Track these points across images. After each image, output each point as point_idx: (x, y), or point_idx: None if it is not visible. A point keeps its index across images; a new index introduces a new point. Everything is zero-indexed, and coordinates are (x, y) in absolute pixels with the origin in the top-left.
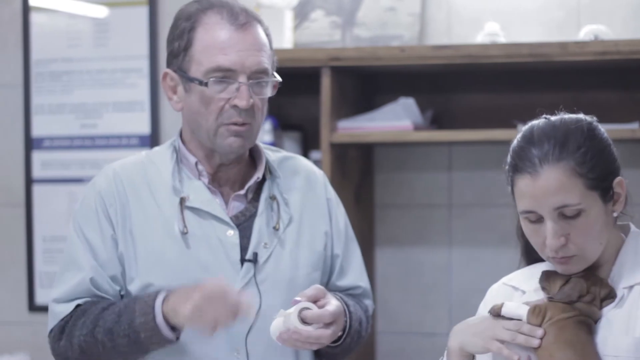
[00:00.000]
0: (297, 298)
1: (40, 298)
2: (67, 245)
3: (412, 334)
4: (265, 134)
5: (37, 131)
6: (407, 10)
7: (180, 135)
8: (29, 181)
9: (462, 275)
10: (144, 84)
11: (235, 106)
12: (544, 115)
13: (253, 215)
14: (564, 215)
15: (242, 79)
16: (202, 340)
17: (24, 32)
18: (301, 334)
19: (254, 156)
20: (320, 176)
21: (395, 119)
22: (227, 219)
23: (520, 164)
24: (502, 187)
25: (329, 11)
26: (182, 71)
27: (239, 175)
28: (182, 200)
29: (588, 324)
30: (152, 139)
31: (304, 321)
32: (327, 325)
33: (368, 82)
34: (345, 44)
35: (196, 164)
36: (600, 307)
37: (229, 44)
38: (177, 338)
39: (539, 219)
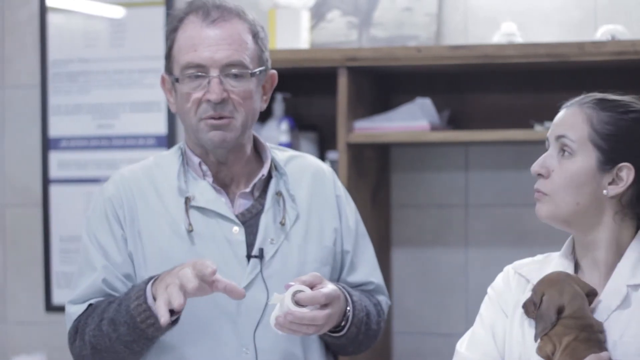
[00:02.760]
0: (291, 283)
1: (57, 298)
2: (81, 251)
3: (428, 334)
4: (281, 134)
5: (54, 131)
6: (424, 11)
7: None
8: (46, 181)
9: (478, 276)
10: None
11: (208, 100)
12: None
13: (259, 212)
14: (562, 150)
15: (214, 72)
16: (210, 339)
17: (41, 32)
18: (295, 315)
19: (260, 154)
20: (328, 173)
21: (412, 119)
22: (232, 217)
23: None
24: (519, 187)
25: (345, 11)
26: (169, 73)
27: (243, 173)
28: (187, 200)
29: (595, 338)
30: (169, 140)
31: (297, 303)
32: (323, 307)
33: (384, 82)
34: (361, 44)
35: (200, 164)
36: (589, 304)
37: (199, 41)
38: (175, 322)
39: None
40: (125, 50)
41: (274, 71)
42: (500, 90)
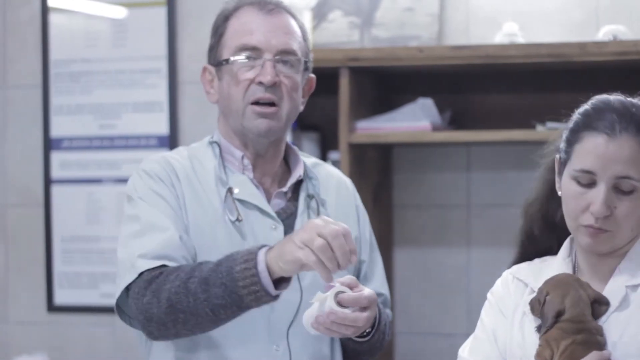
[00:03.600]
0: (332, 283)
1: (59, 298)
2: (137, 216)
3: (430, 335)
4: None
5: (55, 132)
6: (426, 11)
7: (220, 134)
8: (47, 182)
9: (480, 276)
10: (162, 85)
11: (260, 83)
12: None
13: (294, 213)
14: (618, 188)
15: (268, 56)
16: (242, 336)
17: (43, 33)
18: (338, 315)
19: (288, 158)
20: (349, 184)
21: (414, 120)
22: (273, 214)
23: (597, 123)
24: (521, 188)
25: (347, 12)
26: (215, 61)
27: (276, 173)
28: (229, 191)
29: (593, 341)
30: (171, 140)
31: (340, 304)
32: (363, 309)
33: (386, 82)
34: (363, 45)
35: (242, 157)
36: (596, 315)
37: (256, 26)
38: (277, 296)
39: (591, 184)
40: (127, 51)
41: (313, 75)
42: (502, 91)
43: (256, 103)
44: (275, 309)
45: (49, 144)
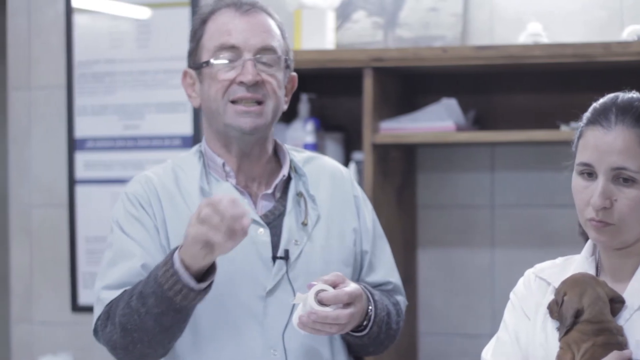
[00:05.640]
0: (313, 282)
1: (83, 298)
2: (111, 243)
3: (454, 335)
4: (307, 135)
5: (80, 132)
6: (450, 11)
7: (205, 140)
8: (72, 182)
9: (505, 277)
10: None
11: (241, 82)
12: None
13: (282, 214)
14: (618, 179)
15: (247, 55)
16: (237, 340)
17: (67, 33)
18: (318, 315)
19: (278, 156)
20: (346, 174)
21: (438, 120)
22: (257, 218)
23: (597, 117)
24: (545, 188)
25: (371, 12)
26: (195, 64)
27: (264, 174)
28: None
29: (614, 341)
30: (195, 140)
31: (321, 303)
32: (346, 306)
33: (410, 82)
34: (387, 45)
35: (223, 165)
36: (613, 313)
37: (234, 27)
38: (207, 289)
39: (592, 175)
40: (151, 51)
41: (295, 74)
42: (526, 91)
43: (235, 102)
44: (268, 312)
45: (73, 145)
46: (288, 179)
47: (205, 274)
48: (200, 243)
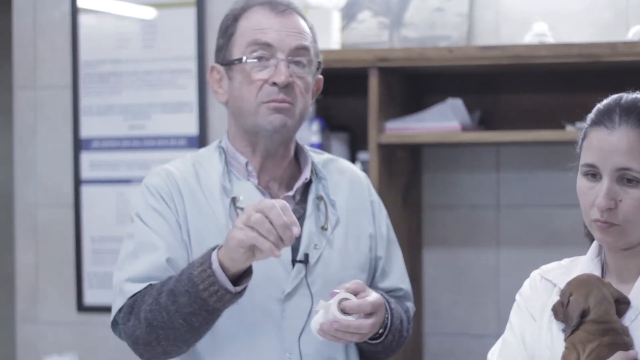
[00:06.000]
0: (336, 290)
1: (89, 298)
2: (132, 234)
3: (460, 335)
4: (312, 134)
5: (85, 132)
6: (455, 11)
7: (228, 137)
8: (77, 182)
9: (510, 277)
10: (192, 85)
11: (274, 83)
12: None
13: (302, 217)
14: (622, 179)
15: (281, 55)
16: (253, 343)
17: (73, 33)
18: (341, 323)
19: (299, 158)
20: (364, 179)
21: (443, 120)
22: None
23: (600, 118)
24: (551, 188)
25: (376, 12)
26: (225, 60)
27: (284, 176)
28: (233, 200)
29: (620, 341)
30: (200, 140)
31: (343, 311)
32: (368, 315)
33: (416, 82)
34: (392, 45)
35: (246, 164)
36: (619, 314)
37: (268, 25)
38: (241, 293)
39: (597, 176)
40: (157, 51)
41: (321, 76)
42: (532, 91)
43: (266, 101)
44: (285, 316)
45: (79, 145)
46: (308, 181)
47: (240, 277)
48: (245, 247)
